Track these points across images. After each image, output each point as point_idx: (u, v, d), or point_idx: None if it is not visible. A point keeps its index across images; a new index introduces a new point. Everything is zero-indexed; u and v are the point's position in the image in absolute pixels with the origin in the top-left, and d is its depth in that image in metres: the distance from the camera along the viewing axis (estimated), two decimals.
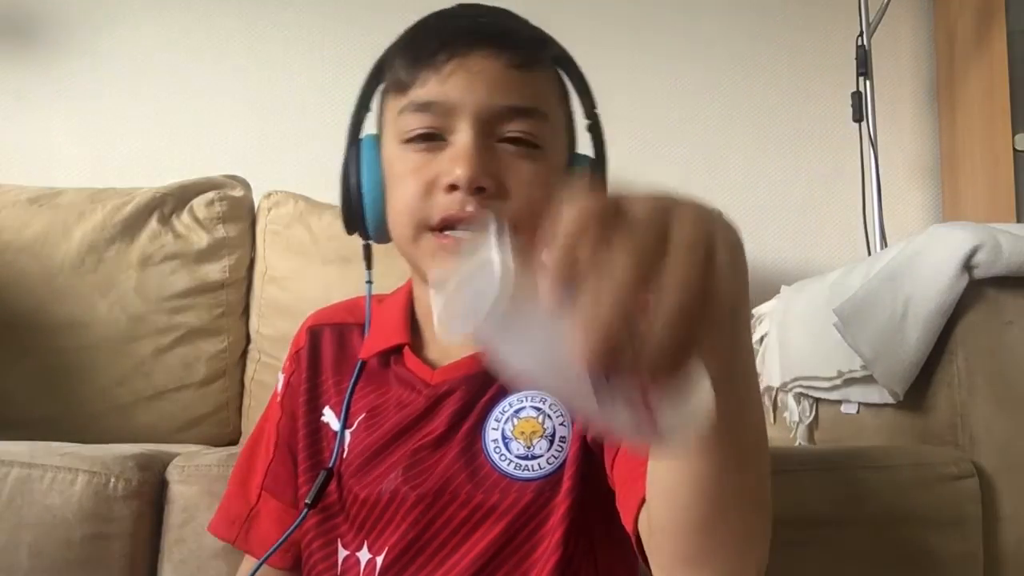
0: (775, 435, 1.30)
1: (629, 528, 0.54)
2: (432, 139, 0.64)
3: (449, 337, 0.33)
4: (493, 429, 0.65)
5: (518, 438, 0.64)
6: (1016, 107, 1.63)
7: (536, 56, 0.67)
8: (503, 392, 0.66)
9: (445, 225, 0.63)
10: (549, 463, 0.63)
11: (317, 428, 0.73)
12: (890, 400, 0.99)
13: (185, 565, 0.82)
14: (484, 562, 0.61)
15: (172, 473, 0.86)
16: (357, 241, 0.73)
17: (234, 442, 1.41)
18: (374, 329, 0.74)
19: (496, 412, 0.66)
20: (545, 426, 0.64)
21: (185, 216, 1.44)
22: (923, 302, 0.92)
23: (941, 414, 0.95)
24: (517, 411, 0.65)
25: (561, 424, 0.64)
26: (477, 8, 0.69)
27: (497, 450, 0.64)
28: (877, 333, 0.96)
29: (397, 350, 0.72)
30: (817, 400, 1.19)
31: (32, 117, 1.72)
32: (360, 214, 0.68)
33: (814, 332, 1.14)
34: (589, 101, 0.73)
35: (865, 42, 1.66)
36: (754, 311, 1.42)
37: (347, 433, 0.70)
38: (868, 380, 1.02)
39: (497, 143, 0.64)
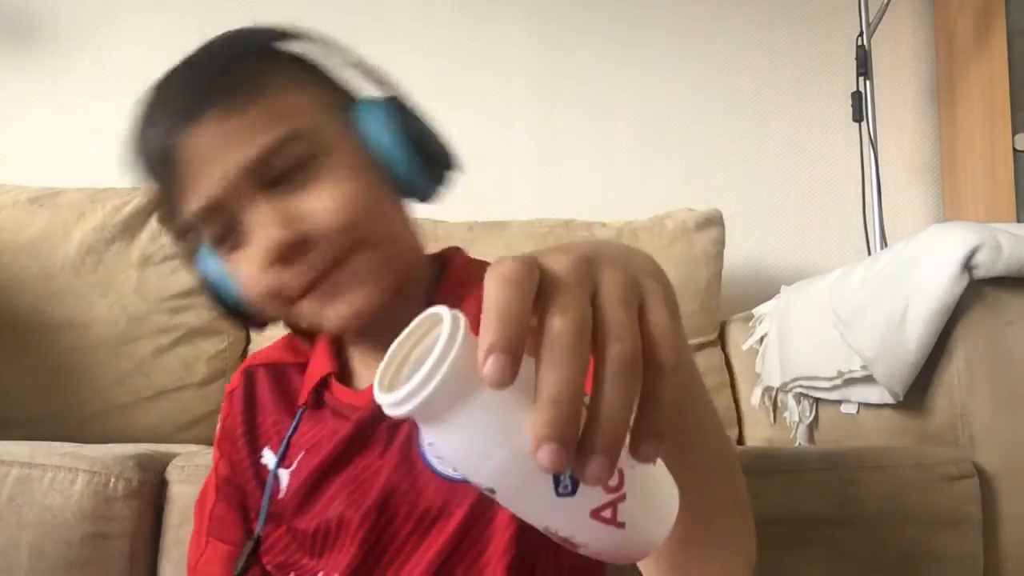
0: (775, 435, 1.30)
1: None
2: (230, 233, 0.60)
3: (391, 413, 0.29)
4: None
5: None
6: (1016, 107, 1.63)
7: (246, 84, 0.59)
8: None
9: (308, 290, 0.60)
10: None
11: (259, 471, 0.71)
12: (890, 400, 0.99)
13: (184, 564, 0.82)
14: (436, 569, 0.59)
15: (172, 473, 0.86)
16: None
17: None
18: (309, 371, 0.72)
19: None
20: None
21: None
22: (923, 302, 0.92)
23: (941, 414, 0.95)
24: None
25: None
26: (170, 78, 0.62)
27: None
28: (877, 333, 0.96)
29: (325, 381, 0.69)
30: (817, 400, 1.19)
31: (32, 117, 1.72)
32: (238, 309, 0.66)
33: (814, 332, 1.14)
34: (337, 53, 0.67)
35: (865, 42, 1.66)
36: (754, 311, 1.42)
37: (285, 473, 0.68)
38: (868, 380, 1.02)
39: (277, 185, 0.59)
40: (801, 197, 1.84)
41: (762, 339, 1.35)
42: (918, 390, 0.97)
